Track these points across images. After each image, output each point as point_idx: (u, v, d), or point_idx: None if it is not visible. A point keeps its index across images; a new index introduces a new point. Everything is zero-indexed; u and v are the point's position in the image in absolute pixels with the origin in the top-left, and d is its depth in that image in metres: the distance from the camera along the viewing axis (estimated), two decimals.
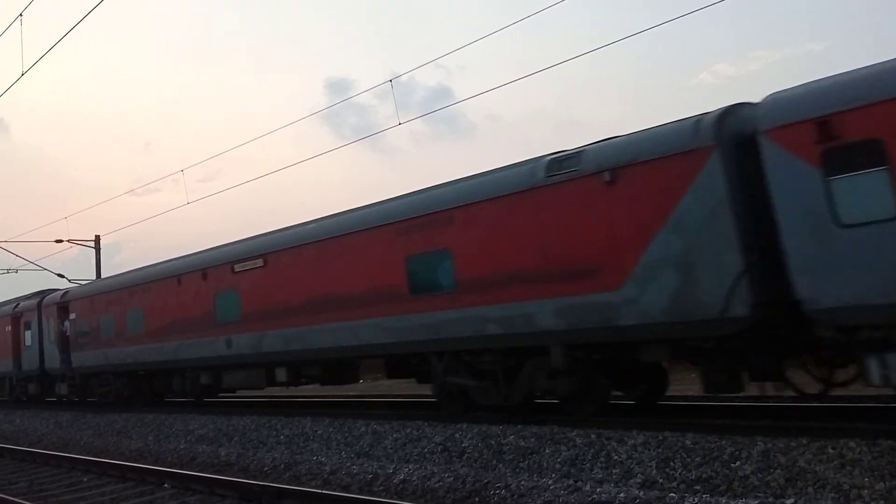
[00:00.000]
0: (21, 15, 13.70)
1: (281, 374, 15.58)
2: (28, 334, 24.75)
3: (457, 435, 10.17)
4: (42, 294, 25.19)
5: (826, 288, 7.70)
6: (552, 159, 10.40)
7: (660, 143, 9.23)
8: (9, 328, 25.66)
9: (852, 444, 7.17)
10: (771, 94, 8.51)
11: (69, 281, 30.43)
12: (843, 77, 7.97)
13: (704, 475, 7.25)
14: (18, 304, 25.85)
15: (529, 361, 10.76)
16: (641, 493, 6.94)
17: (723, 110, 8.93)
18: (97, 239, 33.85)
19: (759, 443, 7.63)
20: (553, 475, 8.04)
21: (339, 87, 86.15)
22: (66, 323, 22.85)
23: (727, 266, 8.40)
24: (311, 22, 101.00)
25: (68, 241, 32.39)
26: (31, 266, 33.08)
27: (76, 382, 22.81)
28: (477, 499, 7.79)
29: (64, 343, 22.78)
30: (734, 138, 8.62)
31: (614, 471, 7.85)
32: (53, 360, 23.31)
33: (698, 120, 9.01)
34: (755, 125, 8.39)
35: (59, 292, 24.36)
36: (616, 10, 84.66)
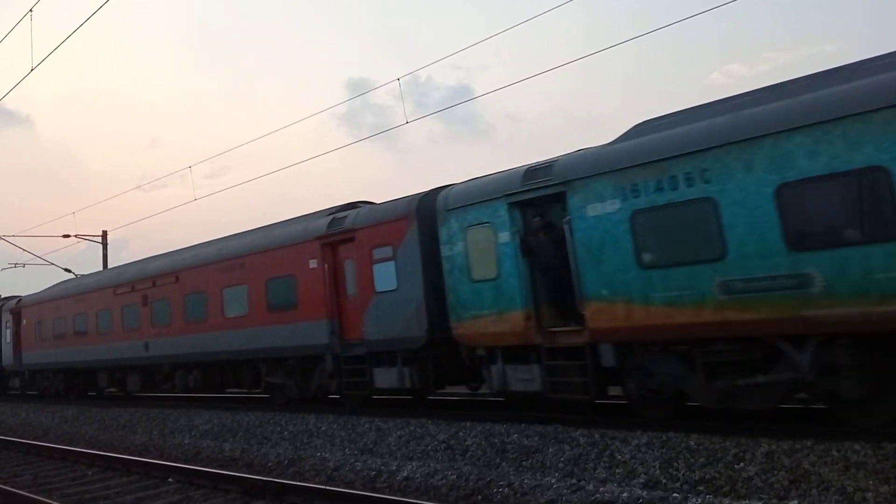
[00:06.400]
0: (31, 11, 13.76)
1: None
2: None
3: (460, 433, 10.19)
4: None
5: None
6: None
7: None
8: None
9: (857, 446, 7.16)
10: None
11: (76, 275, 30.57)
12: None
13: (708, 476, 7.24)
14: None
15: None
16: (644, 493, 6.94)
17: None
18: (104, 234, 34.00)
19: (763, 444, 7.62)
20: (556, 474, 8.04)
21: (359, 88, 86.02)
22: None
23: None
24: (334, 23, 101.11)
25: (76, 235, 32.67)
26: (39, 261, 33.32)
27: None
28: (480, 497, 7.79)
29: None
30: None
31: (617, 470, 7.84)
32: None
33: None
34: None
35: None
36: (629, 9, 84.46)
